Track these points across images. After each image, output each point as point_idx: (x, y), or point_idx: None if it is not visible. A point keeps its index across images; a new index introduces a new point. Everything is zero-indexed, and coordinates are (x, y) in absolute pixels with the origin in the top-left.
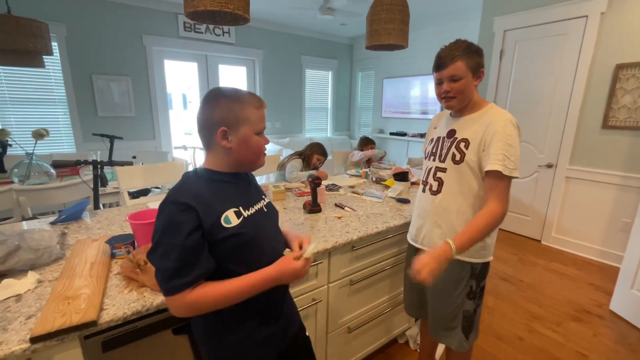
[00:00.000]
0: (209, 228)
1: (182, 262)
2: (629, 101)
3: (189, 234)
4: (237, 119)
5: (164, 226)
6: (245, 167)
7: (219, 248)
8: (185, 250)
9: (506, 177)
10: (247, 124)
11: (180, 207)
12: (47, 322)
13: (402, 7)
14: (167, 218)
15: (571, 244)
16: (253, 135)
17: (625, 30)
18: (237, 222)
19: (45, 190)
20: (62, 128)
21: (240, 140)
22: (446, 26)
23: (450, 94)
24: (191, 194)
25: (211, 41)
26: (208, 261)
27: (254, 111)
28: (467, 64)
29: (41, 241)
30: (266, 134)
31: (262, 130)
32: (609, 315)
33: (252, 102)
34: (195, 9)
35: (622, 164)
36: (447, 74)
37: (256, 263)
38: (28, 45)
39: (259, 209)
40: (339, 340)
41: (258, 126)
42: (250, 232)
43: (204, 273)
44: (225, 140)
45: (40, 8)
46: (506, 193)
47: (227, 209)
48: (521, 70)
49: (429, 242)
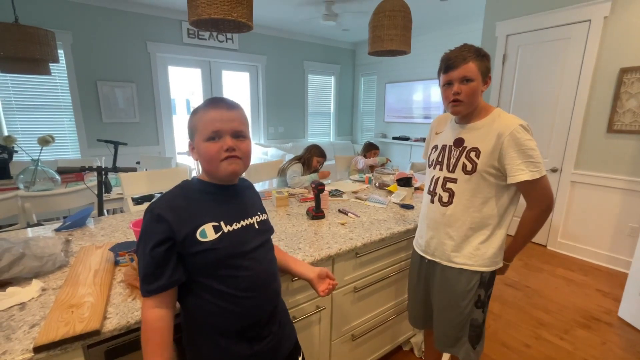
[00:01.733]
0: (182, 240)
1: (149, 270)
2: (634, 105)
3: (155, 246)
4: (191, 130)
5: (141, 233)
6: (215, 177)
7: (193, 261)
8: (150, 260)
9: (538, 179)
10: (197, 133)
11: (154, 217)
12: (50, 332)
13: (404, 13)
14: (143, 225)
15: (578, 249)
16: (201, 142)
17: (629, 34)
18: (214, 237)
19: (50, 197)
20: (68, 134)
21: (198, 152)
22: (448, 31)
23: (460, 96)
24: (168, 205)
25: (215, 47)
26: (174, 274)
27: (202, 117)
28: (479, 66)
29: (45, 248)
30: (269, 139)
31: (211, 135)
32: (618, 322)
33: (203, 108)
34: (199, 17)
35: (628, 168)
36: (458, 75)
37: (233, 281)
38: (35, 54)
39: (248, 225)
40: (343, 348)
41: (204, 132)
42: (227, 249)
43: (166, 285)
44: (193, 153)
45: (47, 16)
46: (544, 191)
47: (205, 223)
48: (524, 74)
49: (442, 254)
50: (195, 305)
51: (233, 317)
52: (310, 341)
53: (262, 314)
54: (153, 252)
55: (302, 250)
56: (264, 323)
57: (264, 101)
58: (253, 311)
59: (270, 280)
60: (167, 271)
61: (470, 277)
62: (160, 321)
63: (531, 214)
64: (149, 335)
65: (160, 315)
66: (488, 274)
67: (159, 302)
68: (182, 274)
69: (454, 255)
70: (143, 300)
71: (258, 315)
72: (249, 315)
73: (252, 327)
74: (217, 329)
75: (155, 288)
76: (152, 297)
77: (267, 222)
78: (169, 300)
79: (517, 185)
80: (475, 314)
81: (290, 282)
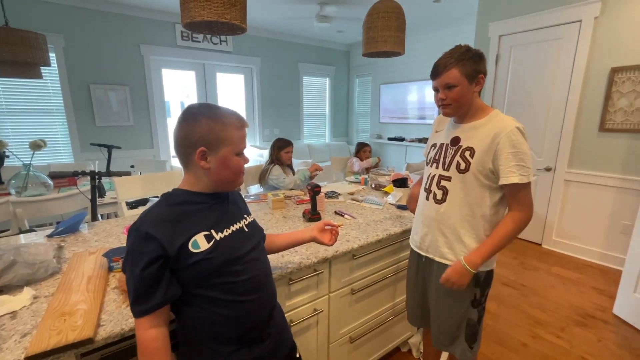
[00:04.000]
0: (175, 255)
1: (141, 290)
2: (625, 104)
3: (147, 266)
4: (217, 139)
5: (128, 253)
6: (223, 187)
7: (188, 273)
8: (142, 281)
9: (525, 184)
10: (228, 145)
11: (142, 236)
12: (42, 341)
13: (398, 14)
14: (131, 245)
15: (572, 247)
16: (233, 156)
17: (619, 34)
18: (207, 247)
19: (43, 202)
20: (60, 138)
21: (220, 161)
22: (442, 32)
23: (445, 101)
24: (155, 222)
25: (209, 50)
26: (169, 290)
27: (236, 132)
28: (462, 71)
29: (37, 255)
30: (264, 141)
31: (242, 150)
32: (613, 320)
33: (234, 122)
34: (193, 19)
35: (620, 167)
36: (440, 82)
37: (230, 287)
38: (26, 57)
39: (238, 229)
40: (341, 351)
41: (239, 147)
42: (222, 257)
43: (161, 303)
44: (203, 160)
45: (38, 19)
46: (527, 198)
47: (197, 233)
48: (517, 74)
49: (435, 250)
50: (193, 317)
51: (233, 323)
52: (308, 345)
53: (261, 316)
54: (144, 273)
55: (298, 252)
56: (264, 325)
57: (259, 103)
58: (252, 314)
59: (266, 281)
60: (161, 289)
61: None
62: (158, 341)
63: (512, 217)
64: (148, 357)
65: (156, 335)
66: (483, 273)
67: (155, 322)
68: (177, 289)
69: (447, 252)
70: (136, 322)
71: (257, 317)
72: (248, 319)
73: (252, 331)
74: (217, 337)
75: (149, 307)
76: (147, 316)
77: (255, 224)
78: (164, 317)
79: (505, 188)
80: (471, 313)
81: (287, 286)
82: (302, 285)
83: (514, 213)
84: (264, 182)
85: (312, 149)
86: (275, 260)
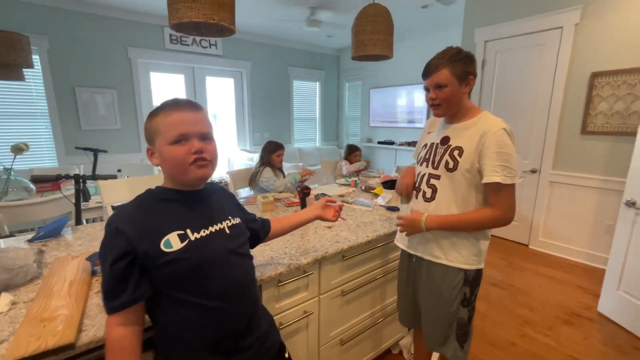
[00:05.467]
0: (144, 253)
1: (110, 286)
2: (605, 108)
3: (114, 261)
4: (150, 133)
5: (100, 247)
6: (181, 183)
7: (160, 273)
8: (111, 276)
9: (507, 186)
10: (159, 136)
11: (112, 231)
12: (20, 347)
13: (386, 18)
14: (103, 240)
15: (558, 248)
16: (166, 146)
17: (598, 40)
18: (180, 247)
19: (24, 207)
20: (44, 142)
21: (160, 156)
22: (430, 37)
23: (436, 101)
24: (127, 217)
25: (198, 53)
26: (137, 289)
27: (165, 119)
28: (452, 71)
29: (16, 260)
30: (255, 145)
31: (177, 138)
32: (598, 318)
33: (164, 110)
34: (180, 20)
35: (601, 168)
36: (431, 82)
37: (203, 291)
38: (8, 58)
39: (217, 230)
40: (331, 354)
41: (168, 135)
42: (196, 257)
43: (129, 301)
44: (153, 158)
45: (21, 20)
46: (509, 200)
47: (170, 232)
48: (503, 79)
49: (424, 248)
50: (166, 320)
51: (205, 328)
52: (298, 347)
53: (237, 324)
54: (112, 268)
55: (287, 254)
56: (241, 334)
57: (249, 107)
58: (226, 321)
59: (244, 288)
60: (129, 287)
61: (455, 274)
62: (124, 340)
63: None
64: (113, 355)
65: (124, 334)
66: (472, 272)
67: (124, 320)
68: (147, 289)
69: (436, 249)
70: (107, 319)
71: (232, 325)
72: (221, 326)
73: (227, 339)
74: (189, 343)
75: (118, 305)
76: (116, 314)
77: (240, 226)
78: (135, 317)
79: (487, 186)
80: (462, 313)
81: (276, 288)
82: (291, 287)
83: (493, 209)
84: (254, 184)
85: (303, 153)
86: (264, 261)
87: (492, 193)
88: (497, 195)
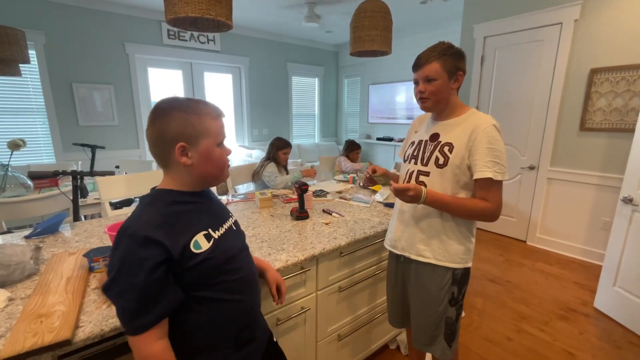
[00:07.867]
0: (179, 257)
1: (144, 301)
2: (604, 104)
3: (152, 271)
4: (195, 132)
5: (122, 263)
6: (208, 182)
7: (189, 276)
8: (146, 289)
9: (497, 182)
10: (208, 137)
11: (140, 241)
12: (16, 343)
13: (384, 14)
14: (125, 253)
15: (555, 244)
16: (215, 147)
17: (598, 37)
18: (208, 246)
19: (22, 203)
20: (41, 138)
21: (202, 155)
22: (429, 33)
23: (424, 94)
24: (152, 225)
25: (196, 49)
26: (174, 295)
27: (213, 122)
28: (443, 65)
29: (13, 256)
30: (253, 141)
31: (222, 141)
32: (594, 313)
33: (209, 112)
34: (176, 15)
35: (599, 165)
36: (421, 75)
37: (228, 286)
38: (3, 54)
39: (229, 227)
40: (329, 349)
41: (219, 137)
42: (222, 255)
43: (167, 311)
44: (184, 156)
45: (17, 15)
46: (498, 196)
47: (196, 233)
48: (501, 75)
49: (411, 247)
50: (189, 322)
51: (230, 323)
52: (295, 343)
53: (254, 314)
54: (150, 278)
55: (285, 250)
56: (254, 324)
57: (248, 103)
58: (246, 313)
59: (255, 279)
60: (167, 295)
61: (443, 273)
62: (167, 352)
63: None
64: None
65: (165, 346)
66: (460, 270)
67: (161, 332)
68: (181, 293)
69: (424, 249)
70: (138, 339)
71: (250, 316)
72: (243, 317)
73: (247, 329)
74: (215, 340)
75: (157, 317)
76: (154, 328)
77: (238, 223)
78: (167, 326)
79: (478, 182)
80: (450, 312)
81: None
82: (289, 283)
83: (486, 202)
84: (257, 177)
85: (302, 149)
86: (261, 258)
87: (482, 189)
88: (488, 191)
